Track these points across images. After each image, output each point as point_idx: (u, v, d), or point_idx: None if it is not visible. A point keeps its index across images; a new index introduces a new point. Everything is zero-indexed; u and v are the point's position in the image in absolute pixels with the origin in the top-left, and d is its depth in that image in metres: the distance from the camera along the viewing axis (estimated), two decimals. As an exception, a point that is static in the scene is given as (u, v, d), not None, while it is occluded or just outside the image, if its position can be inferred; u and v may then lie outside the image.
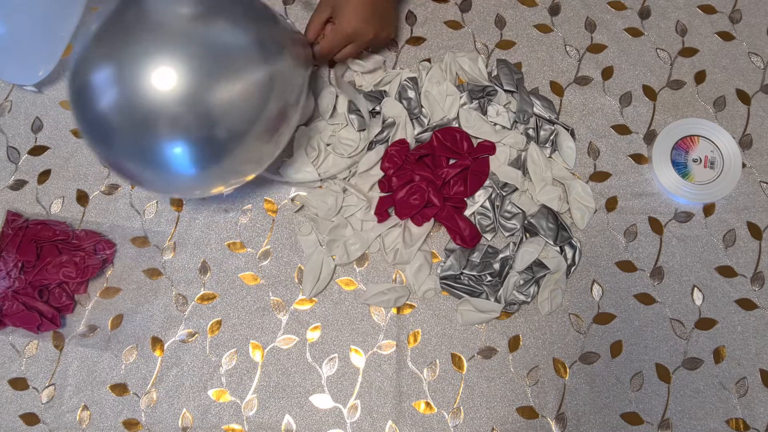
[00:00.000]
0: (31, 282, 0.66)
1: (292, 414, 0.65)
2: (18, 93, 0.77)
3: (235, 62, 0.52)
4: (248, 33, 0.54)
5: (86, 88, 0.51)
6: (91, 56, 0.51)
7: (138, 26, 0.50)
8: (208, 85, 0.50)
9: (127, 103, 0.49)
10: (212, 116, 0.51)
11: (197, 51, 0.50)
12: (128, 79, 0.49)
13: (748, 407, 0.65)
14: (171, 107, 0.49)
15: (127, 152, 0.52)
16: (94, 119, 0.51)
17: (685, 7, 0.78)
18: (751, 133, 0.73)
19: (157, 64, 0.49)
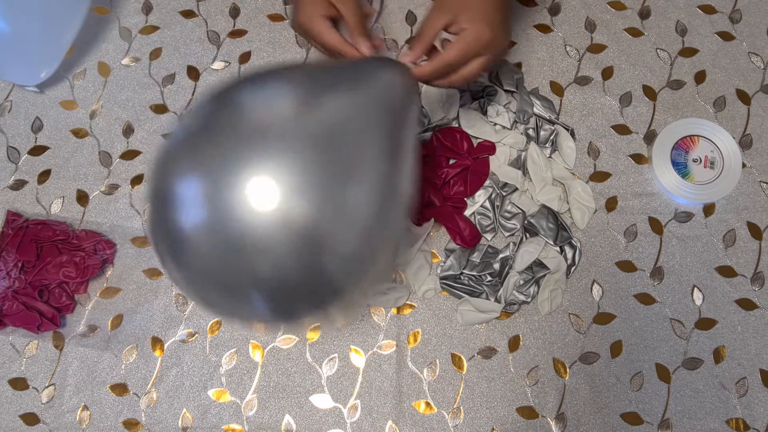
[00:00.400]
0: (31, 282, 0.66)
1: (292, 414, 0.65)
2: (18, 93, 0.77)
3: (358, 172, 0.41)
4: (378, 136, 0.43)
5: (169, 195, 0.40)
6: (180, 161, 0.41)
7: (232, 131, 0.39)
8: (322, 207, 0.39)
9: (217, 225, 0.39)
10: (319, 244, 0.39)
11: (310, 159, 0.39)
12: (221, 194, 0.38)
13: (748, 407, 0.65)
14: (269, 231, 0.38)
15: (205, 278, 0.41)
16: (171, 232, 0.40)
17: (685, 7, 0.78)
18: (751, 133, 0.73)
19: (254, 177, 0.38)
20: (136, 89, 0.76)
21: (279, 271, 0.39)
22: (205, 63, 0.77)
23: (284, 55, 0.77)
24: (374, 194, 0.42)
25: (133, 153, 0.74)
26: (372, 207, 0.42)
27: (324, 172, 0.39)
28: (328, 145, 0.40)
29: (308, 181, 0.39)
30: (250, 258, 0.39)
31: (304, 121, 0.40)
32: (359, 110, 0.43)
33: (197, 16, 0.79)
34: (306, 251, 0.39)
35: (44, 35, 0.71)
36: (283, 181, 0.38)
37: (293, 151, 0.39)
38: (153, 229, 0.43)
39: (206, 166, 0.39)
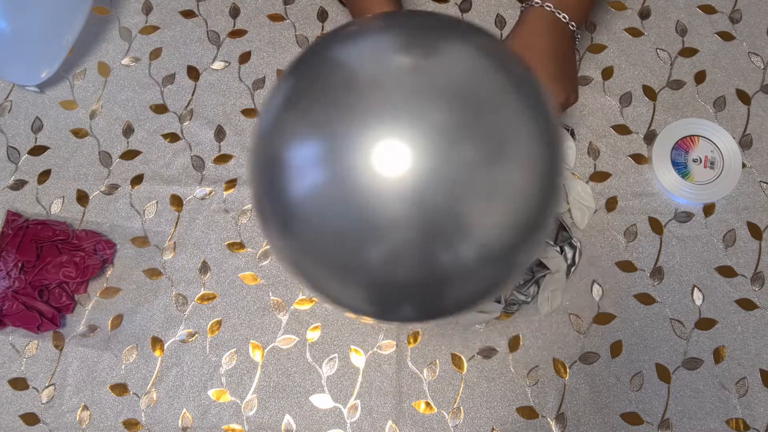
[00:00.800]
0: (31, 282, 0.66)
1: (292, 414, 0.65)
2: (18, 93, 0.77)
3: (506, 141, 0.33)
4: (522, 96, 0.35)
5: (279, 165, 0.35)
6: (289, 125, 0.35)
7: (346, 88, 0.34)
8: (462, 172, 0.32)
9: (336, 192, 0.33)
10: (463, 224, 0.33)
11: (437, 122, 0.32)
12: (340, 158, 0.32)
13: (748, 407, 0.65)
14: (400, 203, 0.32)
15: (322, 257, 0.35)
16: (284, 203, 0.35)
17: (685, 7, 0.78)
18: (751, 133, 0.73)
19: (381, 139, 0.32)
20: (136, 89, 0.76)
21: (396, 256, 0.33)
22: (205, 63, 0.77)
23: (284, 55, 0.77)
24: (529, 182, 0.34)
25: (133, 153, 0.74)
26: (527, 198, 0.34)
27: (463, 139, 0.32)
28: (463, 105, 0.33)
29: (443, 148, 0.31)
30: (367, 235, 0.33)
31: (428, 75, 0.33)
32: (487, 64, 0.35)
33: (197, 16, 0.79)
34: (434, 237, 0.32)
35: (45, 35, 0.71)
36: (415, 145, 0.31)
37: (422, 109, 0.32)
38: (261, 202, 0.37)
39: (321, 128, 0.33)
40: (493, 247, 0.34)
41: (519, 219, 0.34)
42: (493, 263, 0.35)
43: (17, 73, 0.73)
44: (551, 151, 0.35)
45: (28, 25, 0.69)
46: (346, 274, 0.35)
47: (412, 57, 0.34)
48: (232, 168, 0.73)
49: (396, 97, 0.32)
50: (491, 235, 0.34)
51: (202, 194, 0.72)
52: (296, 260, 0.37)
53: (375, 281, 0.34)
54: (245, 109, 0.75)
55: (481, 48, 0.36)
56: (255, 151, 0.38)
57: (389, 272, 0.33)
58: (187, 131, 0.74)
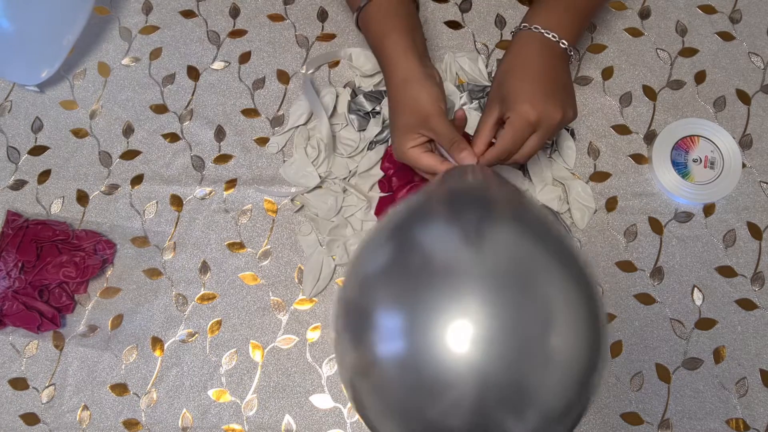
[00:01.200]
0: (31, 282, 0.66)
1: (292, 414, 0.65)
2: (18, 93, 0.77)
3: (559, 316, 0.38)
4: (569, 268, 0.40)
5: (368, 319, 0.40)
6: (382, 290, 0.41)
7: (424, 270, 0.39)
8: (522, 353, 0.36)
9: (410, 360, 0.38)
10: (525, 397, 0.36)
11: (503, 300, 0.37)
12: (418, 332, 0.37)
13: (748, 407, 0.65)
14: (464, 376, 0.36)
15: (387, 402, 0.40)
16: (367, 352, 0.40)
17: (685, 7, 0.78)
18: (751, 133, 0.73)
19: (451, 320, 0.36)
20: (136, 89, 0.76)
21: (452, 418, 0.37)
22: (205, 63, 0.77)
23: (284, 55, 0.77)
24: (579, 340, 0.38)
25: (133, 153, 0.74)
26: (579, 358, 0.38)
27: (520, 316, 0.37)
28: (516, 279, 0.38)
29: (504, 325, 0.36)
30: (432, 399, 0.37)
31: (481, 258, 0.39)
32: (518, 233, 0.41)
33: (197, 16, 0.79)
34: (491, 410, 0.36)
35: (47, 35, 0.71)
36: (479, 324, 0.36)
37: (484, 290, 0.37)
38: (342, 336, 0.43)
39: (405, 304, 0.39)
40: (551, 409, 0.38)
41: (572, 379, 0.38)
42: (550, 424, 0.38)
43: (18, 72, 0.73)
44: (594, 308, 0.40)
45: (29, 24, 0.69)
46: (403, 422, 0.39)
47: (476, 245, 0.39)
48: (232, 168, 0.73)
49: (463, 281, 0.38)
50: (548, 400, 0.37)
51: (202, 194, 0.72)
52: (359, 394, 0.41)
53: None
54: (245, 109, 0.75)
55: (530, 229, 0.42)
56: (349, 290, 0.43)
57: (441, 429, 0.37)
58: (187, 131, 0.74)
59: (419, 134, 0.57)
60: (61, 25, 0.71)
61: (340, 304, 0.44)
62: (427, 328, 0.37)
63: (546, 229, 0.43)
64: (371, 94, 0.73)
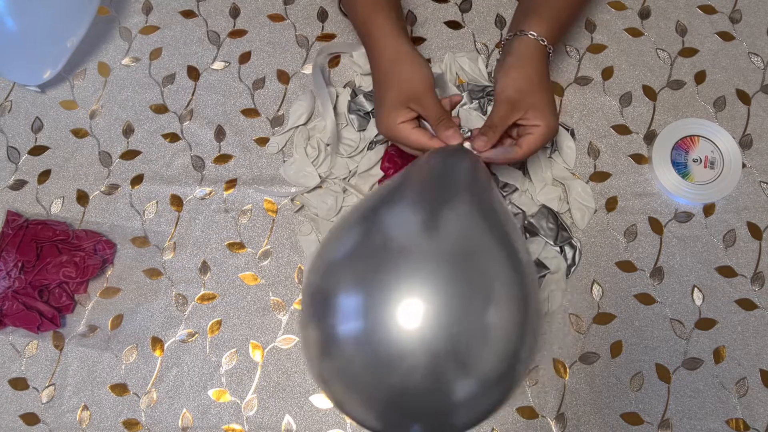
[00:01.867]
0: (31, 282, 0.66)
1: (292, 414, 0.65)
2: (18, 93, 0.77)
3: (492, 289, 0.43)
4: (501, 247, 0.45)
5: (330, 301, 0.44)
6: (342, 273, 0.45)
7: (383, 252, 0.43)
8: (463, 326, 0.41)
9: (368, 336, 0.42)
10: (466, 365, 0.42)
11: (447, 279, 0.42)
12: (373, 311, 0.42)
13: (748, 407, 0.65)
14: (411, 348, 0.41)
15: (349, 379, 0.44)
16: (328, 333, 0.44)
17: (685, 7, 0.78)
18: (751, 133, 0.73)
19: (404, 298, 0.41)
20: (136, 89, 0.76)
21: (409, 390, 0.42)
22: (205, 63, 0.77)
23: (284, 55, 0.77)
24: (512, 314, 0.44)
25: (133, 153, 0.74)
26: (512, 328, 0.43)
27: (464, 293, 0.42)
28: (463, 263, 0.43)
29: (449, 302, 0.41)
30: (387, 370, 0.41)
31: (435, 241, 0.43)
32: (472, 221, 0.46)
33: (197, 16, 0.79)
34: (443, 372, 0.41)
35: (50, 35, 0.71)
36: (429, 301, 0.41)
37: (435, 271, 0.42)
38: (307, 321, 0.46)
39: (365, 283, 0.43)
40: (490, 376, 0.43)
41: (504, 351, 0.43)
42: (490, 388, 0.44)
43: (20, 72, 0.73)
44: (526, 290, 0.45)
45: (34, 24, 0.69)
46: (365, 395, 0.43)
47: (423, 226, 0.44)
48: (232, 168, 0.73)
49: (416, 263, 0.42)
50: (487, 368, 0.43)
51: (202, 194, 0.72)
52: (325, 376, 0.45)
53: (388, 406, 0.43)
54: (245, 109, 0.75)
55: (482, 217, 0.47)
56: (311, 283, 0.47)
57: (401, 402, 0.42)
58: (187, 131, 0.74)
59: (409, 109, 0.58)
60: (65, 26, 0.71)
61: (305, 293, 0.48)
62: (382, 307, 0.41)
63: (496, 218, 0.48)
64: (371, 94, 0.73)
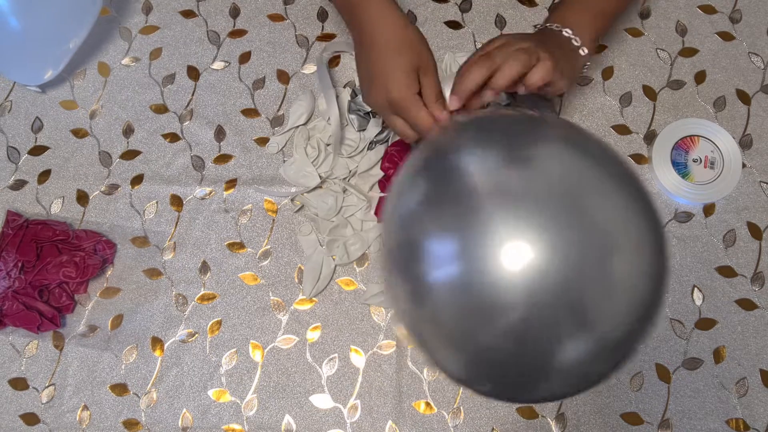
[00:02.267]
0: (31, 282, 0.66)
1: (292, 414, 0.65)
2: (18, 93, 0.77)
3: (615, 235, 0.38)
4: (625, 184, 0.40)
5: (418, 251, 0.41)
6: (427, 221, 0.41)
7: (470, 197, 0.39)
8: (579, 267, 0.36)
9: (467, 282, 0.38)
10: (580, 321, 0.37)
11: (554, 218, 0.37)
12: (471, 256, 0.38)
13: (748, 407, 0.65)
14: (518, 294, 0.36)
15: (442, 327, 0.40)
16: (418, 282, 0.40)
17: (685, 7, 0.78)
18: (751, 133, 0.73)
19: (505, 241, 0.37)
20: (136, 89, 0.76)
21: (506, 339, 0.38)
22: (205, 63, 0.77)
23: (284, 55, 0.77)
24: (642, 265, 0.38)
25: (133, 153, 0.74)
26: (637, 289, 0.38)
27: (577, 238, 0.37)
28: (568, 204, 0.38)
29: (559, 246, 0.36)
30: (485, 320, 0.38)
31: (529, 178, 0.39)
32: (572, 158, 0.41)
33: (197, 16, 0.79)
34: (553, 323, 0.37)
35: (53, 36, 0.71)
36: (535, 243, 0.36)
37: (535, 212, 0.38)
38: (393, 277, 0.43)
39: (456, 231, 0.39)
40: (606, 337, 0.38)
41: (633, 308, 0.38)
42: (604, 352, 0.38)
43: (22, 72, 0.73)
44: (658, 239, 0.39)
45: (37, 25, 0.69)
46: (458, 344, 0.40)
47: (520, 166, 0.40)
48: (232, 168, 0.73)
49: (514, 202, 0.38)
50: (604, 327, 0.38)
51: (202, 194, 0.72)
52: (416, 324, 0.42)
53: (481, 356, 0.39)
54: (245, 109, 0.75)
55: (584, 151, 0.41)
56: (392, 231, 0.43)
57: (496, 351, 0.38)
58: (187, 131, 0.74)
59: (417, 79, 0.57)
60: (67, 26, 0.71)
61: (384, 251, 0.44)
62: (479, 251, 0.37)
63: (603, 153, 0.42)
64: (371, 94, 0.73)
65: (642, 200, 0.40)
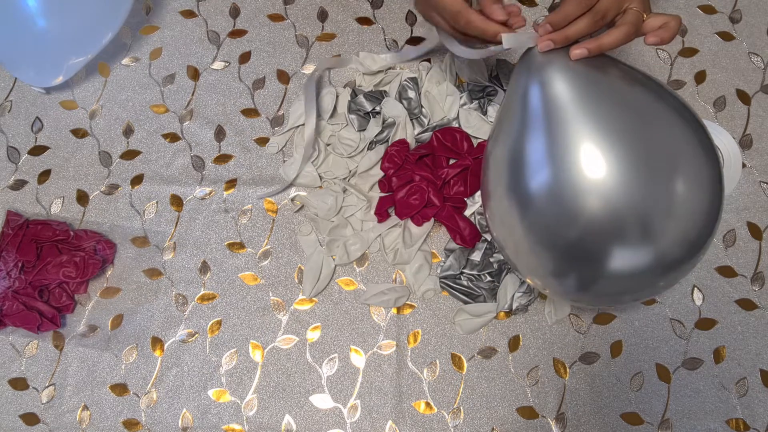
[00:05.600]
0: (31, 282, 0.66)
1: (292, 414, 0.65)
2: (18, 93, 0.77)
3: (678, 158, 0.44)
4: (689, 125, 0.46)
5: (521, 161, 0.47)
6: (529, 130, 0.47)
7: (565, 114, 0.46)
8: (647, 182, 0.43)
9: (556, 188, 0.44)
10: (649, 230, 0.43)
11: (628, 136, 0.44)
12: (558, 159, 0.44)
13: (748, 407, 0.65)
14: (594, 199, 0.43)
15: (539, 237, 0.47)
16: (523, 192, 0.47)
17: (685, 7, 0.78)
18: (751, 133, 0.73)
19: (583, 146, 0.44)
20: (136, 89, 0.76)
21: (585, 241, 0.44)
22: (205, 63, 0.77)
23: (284, 55, 0.77)
24: (701, 192, 0.44)
25: (133, 153, 0.74)
26: (700, 210, 0.44)
27: (648, 150, 0.43)
28: (638, 123, 0.44)
29: (633, 156, 0.43)
30: (570, 220, 0.44)
31: (606, 96, 0.45)
32: (641, 87, 0.47)
33: (197, 16, 0.79)
34: (615, 235, 0.43)
35: (73, 44, 0.70)
36: (608, 152, 0.43)
37: (612, 123, 0.44)
38: (497, 198, 0.50)
39: (544, 135, 0.46)
40: (662, 254, 0.44)
41: (688, 233, 0.44)
42: (649, 269, 0.45)
43: (33, 74, 0.73)
44: (715, 169, 0.45)
45: (63, 29, 0.68)
46: (549, 248, 0.46)
47: (597, 87, 0.47)
48: (232, 168, 0.73)
49: (592, 113, 0.44)
50: (662, 245, 0.44)
51: (202, 194, 0.72)
52: (519, 239, 0.48)
53: (565, 257, 0.46)
54: (245, 109, 0.75)
55: (643, 80, 0.48)
56: (493, 161, 0.50)
57: (578, 251, 0.45)
58: (187, 131, 0.74)
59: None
60: (89, 38, 0.71)
61: (488, 175, 0.51)
62: (563, 153, 0.44)
63: (664, 89, 0.48)
64: (371, 94, 0.73)
65: (701, 133, 0.46)
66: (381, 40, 0.78)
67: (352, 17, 0.79)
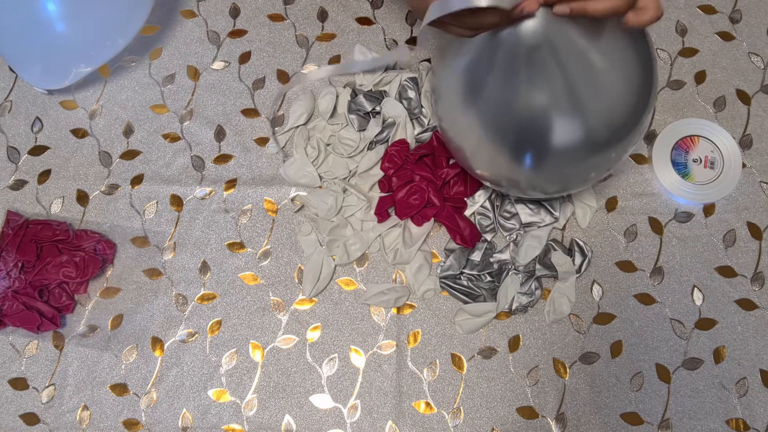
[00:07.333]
0: (31, 282, 0.66)
1: (292, 414, 0.65)
2: (18, 93, 0.77)
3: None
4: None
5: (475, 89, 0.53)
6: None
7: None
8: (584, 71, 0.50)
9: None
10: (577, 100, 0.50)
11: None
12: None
13: (748, 407, 0.65)
14: None
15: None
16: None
17: (685, 7, 0.78)
18: (751, 133, 0.73)
19: None
20: (136, 89, 0.76)
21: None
22: (205, 63, 0.77)
23: (284, 55, 0.77)
24: (626, 90, 0.52)
25: (133, 153, 0.74)
26: (624, 97, 0.52)
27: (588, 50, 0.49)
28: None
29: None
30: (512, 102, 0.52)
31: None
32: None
33: (197, 16, 0.79)
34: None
35: (85, 51, 0.70)
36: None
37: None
38: (464, 103, 0.55)
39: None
40: (592, 134, 0.52)
41: (613, 112, 0.51)
42: (586, 150, 0.53)
43: (38, 76, 0.72)
44: (646, 71, 0.52)
45: (76, 36, 0.68)
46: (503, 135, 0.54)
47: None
48: (232, 168, 0.73)
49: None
50: (590, 123, 0.51)
51: (202, 194, 0.72)
52: (477, 138, 0.56)
53: (516, 140, 0.54)
54: (245, 109, 0.75)
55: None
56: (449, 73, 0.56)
57: (525, 131, 0.53)
58: (187, 131, 0.74)
59: None
60: (101, 47, 0.70)
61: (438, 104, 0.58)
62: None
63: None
64: (371, 94, 0.73)
65: (640, 40, 0.52)
66: (381, 40, 0.78)
67: (352, 17, 0.79)
